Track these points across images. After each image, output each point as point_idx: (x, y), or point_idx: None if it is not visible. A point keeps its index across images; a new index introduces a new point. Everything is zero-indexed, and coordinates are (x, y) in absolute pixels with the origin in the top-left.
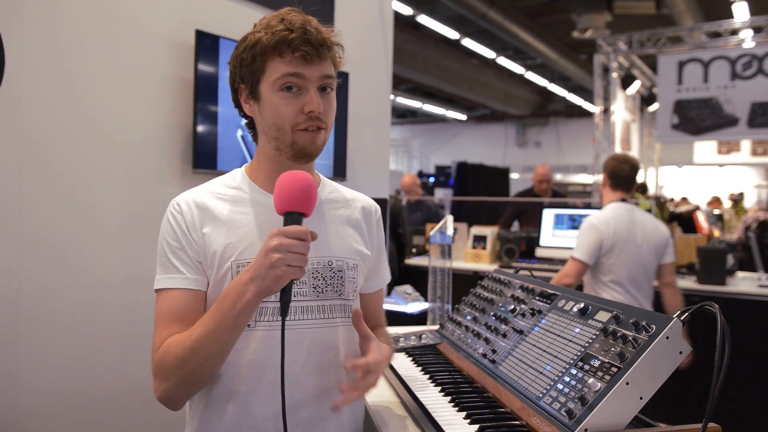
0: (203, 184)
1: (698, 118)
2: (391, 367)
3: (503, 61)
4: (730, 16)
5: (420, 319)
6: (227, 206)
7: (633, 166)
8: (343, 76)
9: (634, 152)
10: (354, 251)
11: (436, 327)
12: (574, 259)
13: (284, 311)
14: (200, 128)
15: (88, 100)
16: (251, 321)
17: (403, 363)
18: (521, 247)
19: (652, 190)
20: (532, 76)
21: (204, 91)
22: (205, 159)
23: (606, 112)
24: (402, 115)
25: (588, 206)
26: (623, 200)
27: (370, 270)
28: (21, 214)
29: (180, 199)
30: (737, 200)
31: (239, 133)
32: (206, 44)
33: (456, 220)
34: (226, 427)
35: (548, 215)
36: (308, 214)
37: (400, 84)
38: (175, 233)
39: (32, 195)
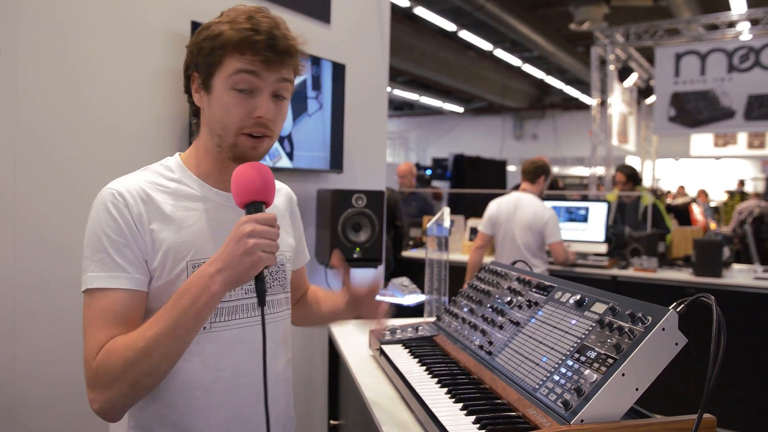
0: (134, 173)
1: (695, 111)
2: (388, 359)
3: (500, 54)
4: (728, 8)
5: (417, 311)
6: (171, 200)
7: (532, 162)
8: (340, 68)
9: (630, 145)
10: (287, 244)
11: (433, 319)
12: (479, 230)
13: (262, 300)
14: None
15: (83, 91)
16: (206, 323)
17: (400, 355)
18: None
19: (648, 183)
20: (529, 69)
21: None
22: None
23: (603, 104)
24: (399, 107)
25: (585, 198)
26: (524, 189)
27: (294, 253)
28: (16, 206)
29: (119, 187)
30: (734, 193)
31: None
32: None
33: (453, 212)
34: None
35: None
36: (270, 202)
37: (396, 76)
38: (119, 226)
39: (28, 187)
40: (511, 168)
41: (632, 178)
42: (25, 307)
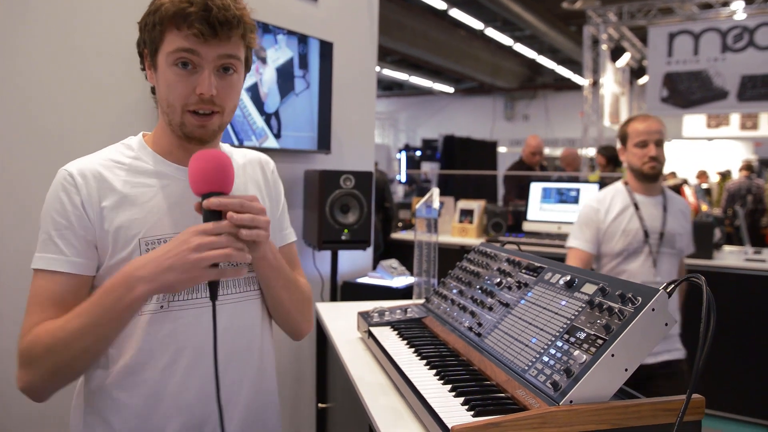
0: (97, 152)
1: (688, 91)
2: (376, 341)
3: (491, 33)
4: None
5: (406, 293)
6: (126, 177)
7: None
8: (328, 47)
9: None
10: None
11: (422, 301)
12: None
13: (214, 294)
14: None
15: (77, 82)
16: (164, 302)
17: (388, 337)
18: (508, 221)
19: None
20: (520, 48)
21: None
22: None
23: (595, 84)
24: (388, 87)
25: (575, 180)
26: None
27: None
28: (1, 188)
29: (72, 168)
30: (725, 175)
31: None
32: None
33: (443, 193)
34: (136, 414)
35: (536, 189)
36: (228, 191)
37: (386, 55)
38: (64, 209)
39: (17, 169)
40: (501, 149)
41: (612, 160)
42: (12, 291)
